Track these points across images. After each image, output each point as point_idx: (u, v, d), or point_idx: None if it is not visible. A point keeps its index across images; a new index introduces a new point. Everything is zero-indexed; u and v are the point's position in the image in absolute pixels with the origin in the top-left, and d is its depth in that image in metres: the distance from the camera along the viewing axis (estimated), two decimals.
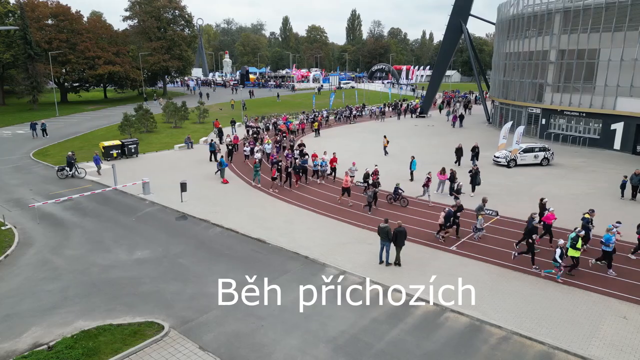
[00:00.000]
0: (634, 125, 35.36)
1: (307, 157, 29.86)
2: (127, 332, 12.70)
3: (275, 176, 26.05)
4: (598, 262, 16.22)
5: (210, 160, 33.78)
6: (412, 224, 20.66)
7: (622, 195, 24.41)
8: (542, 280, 15.52)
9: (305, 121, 50.55)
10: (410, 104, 64.38)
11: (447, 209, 19.16)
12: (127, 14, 78.53)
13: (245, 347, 12.19)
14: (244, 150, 34.21)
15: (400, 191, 23.53)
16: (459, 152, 31.69)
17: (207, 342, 12.40)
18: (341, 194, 23.77)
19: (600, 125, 38.09)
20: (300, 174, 27.49)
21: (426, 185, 23.98)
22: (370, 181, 24.45)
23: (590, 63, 38.20)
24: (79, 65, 68.24)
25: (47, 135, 44.43)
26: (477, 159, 30.38)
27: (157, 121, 48.28)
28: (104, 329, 12.85)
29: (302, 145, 33.40)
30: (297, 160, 28.31)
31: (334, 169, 28.59)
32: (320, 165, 27.97)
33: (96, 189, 25.92)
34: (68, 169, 29.93)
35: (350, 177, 25.01)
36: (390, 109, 65.01)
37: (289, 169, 26.78)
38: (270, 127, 48.55)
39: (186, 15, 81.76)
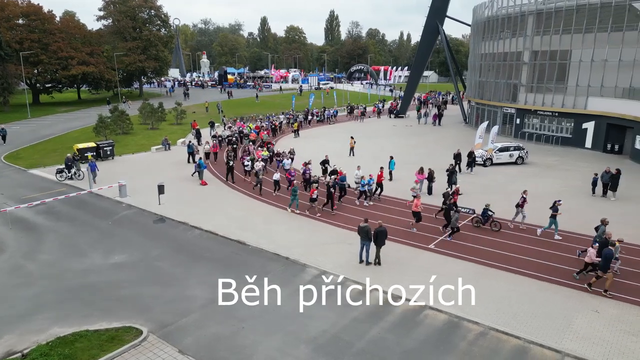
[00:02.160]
0: (604, 124, 36.44)
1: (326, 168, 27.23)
2: (105, 338, 12.48)
3: (314, 197, 22.08)
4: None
5: (189, 162, 33.39)
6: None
7: (594, 193, 25.13)
8: (519, 276, 15.87)
9: (274, 125, 47.42)
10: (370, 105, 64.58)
11: (604, 250, 14.61)
12: (101, 13, 76.92)
13: (225, 350, 12.11)
14: (244, 165, 29.16)
15: (490, 213, 20.05)
16: (458, 157, 29.79)
17: (187, 346, 12.27)
18: (414, 221, 19.98)
19: (572, 124, 39.11)
20: (340, 193, 23.96)
21: (521, 205, 20.21)
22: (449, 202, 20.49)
23: (562, 64, 39.21)
24: (52, 66, 66.54)
25: (5, 142, 41.21)
26: (475, 164, 30.34)
27: (133, 123, 47.51)
28: (81, 335, 12.59)
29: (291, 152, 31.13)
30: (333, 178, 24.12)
31: (380, 185, 24.64)
32: (368, 184, 23.59)
33: (70, 193, 25.34)
34: (67, 171, 29.13)
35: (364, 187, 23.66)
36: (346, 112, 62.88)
37: (331, 188, 22.42)
38: (234, 134, 40.61)
39: (162, 15, 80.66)
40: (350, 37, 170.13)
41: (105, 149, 34.92)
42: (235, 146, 35.85)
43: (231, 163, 27.98)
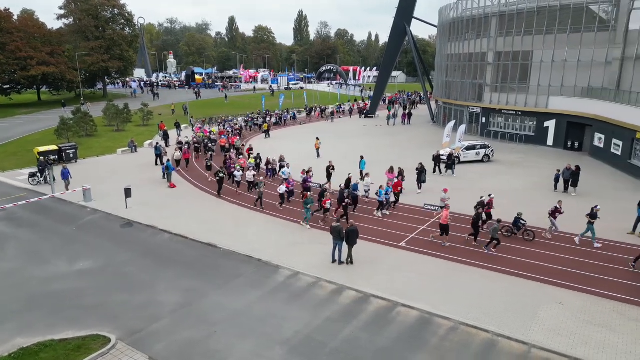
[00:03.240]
0: (565, 122, 37.82)
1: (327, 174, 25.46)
2: (71, 347, 12.06)
3: (328, 207, 21.06)
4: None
5: (156, 164, 32.70)
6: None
7: (556, 188, 26.03)
8: (488, 271, 16.26)
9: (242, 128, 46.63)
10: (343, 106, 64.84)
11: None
12: (62, 12, 74.54)
13: (198, 355, 11.92)
14: (234, 176, 26.82)
15: (522, 222, 18.99)
16: (437, 159, 30.30)
17: (158, 352, 12.01)
18: (440, 233, 18.65)
19: (535, 123, 40.43)
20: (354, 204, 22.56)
21: (553, 215, 19.18)
22: (483, 213, 19.76)
23: (525, 64, 40.47)
24: (9, 67, 63.86)
25: None
26: (455, 166, 30.09)
27: (97, 124, 46.17)
28: (45, 345, 12.14)
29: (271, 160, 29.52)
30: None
31: (397, 195, 23.40)
32: (386, 193, 22.21)
33: (31, 198, 24.36)
34: (39, 175, 27.88)
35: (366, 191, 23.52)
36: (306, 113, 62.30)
37: (346, 200, 21.13)
38: (203, 140, 37.79)
39: (126, 14, 78.81)
40: (319, 38, 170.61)
41: (67, 152, 33.80)
42: (212, 153, 33.65)
43: (221, 175, 25.28)
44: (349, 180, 23.63)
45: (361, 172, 28.45)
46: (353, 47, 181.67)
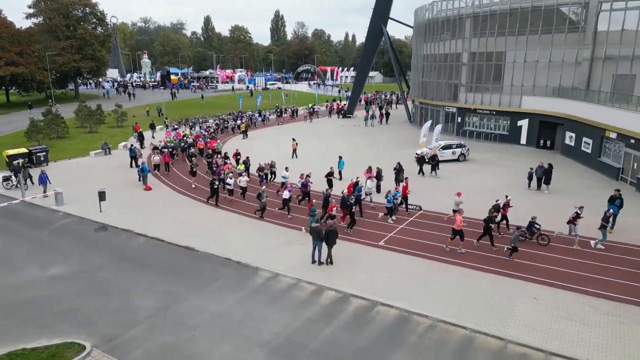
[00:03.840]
0: (537, 121, 38.72)
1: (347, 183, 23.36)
2: (44, 356, 11.73)
3: (334, 214, 19.93)
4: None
5: (131, 166, 32.12)
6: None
7: (529, 186, 26.63)
8: (464, 269, 16.51)
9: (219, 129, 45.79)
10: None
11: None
12: (31, 11, 72.42)
13: None
14: (227, 184, 24.88)
15: (537, 226, 18.57)
16: (421, 161, 29.99)
17: (135, 359, 11.78)
18: (451, 238, 17.96)
19: (509, 122, 41.27)
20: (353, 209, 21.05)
21: (574, 221, 18.58)
22: (497, 216, 19.21)
23: (498, 65, 41.25)
24: None
25: None
26: (438, 168, 29.57)
27: (69, 126, 45.04)
28: (17, 354, 11.78)
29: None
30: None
31: (405, 199, 22.74)
32: (394, 197, 21.45)
33: (1, 202, 23.60)
34: (14, 178, 26.89)
35: (367, 193, 22.70)
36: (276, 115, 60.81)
37: (353, 206, 20.35)
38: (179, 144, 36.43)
39: (98, 13, 77.17)
40: (296, 38, 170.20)
41: (38, 154, 32.85)
42: (193, 158, 31.78)
43: (216, 185, 23.87)
44: (356, 184, 22.45)
45: (340, 172, 28.60)
46: (330, 47, 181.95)
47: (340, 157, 29.03)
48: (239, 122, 50.26)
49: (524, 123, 39.86)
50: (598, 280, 15.48)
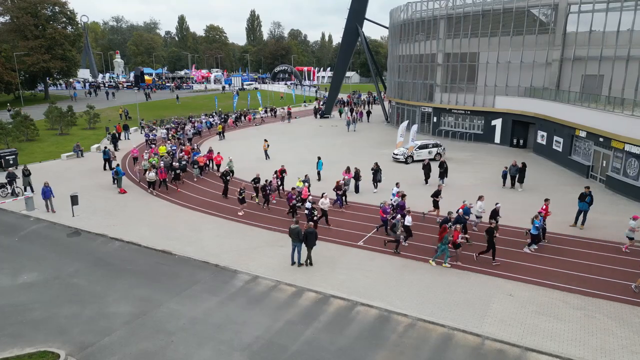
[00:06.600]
0: (510, 120, 39.57)
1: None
2: None
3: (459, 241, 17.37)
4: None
5: (105, 169, 31.42)
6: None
7: (504, 184, 27.19)
8: (442, 268, 16.72)
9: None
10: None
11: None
12: None
13: None
14: (307, 209, 20.11)
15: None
16: (426, 168, 28.20)
17: None
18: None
19: (483, 121, 42.06)
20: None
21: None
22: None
23: (472, 65, 41.99)
24: None
25: None
26: (446, 176, 27.52)
27: (39, 128, 43.76)
28: None
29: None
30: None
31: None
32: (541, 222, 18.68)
33: None
34: (9, 186, 25.73)
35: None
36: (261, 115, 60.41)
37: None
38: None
39: (68, 12, 75.10)
40: (272, 38, 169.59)
41: (7, 158, 31.77)
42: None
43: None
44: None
45: (318, 173, 28.60)
46: (307, 48, 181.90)
47: (319, 158, 29.03)
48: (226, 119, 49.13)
49: (497, 122, 40.67)
50: (569, 276, 15.91)
